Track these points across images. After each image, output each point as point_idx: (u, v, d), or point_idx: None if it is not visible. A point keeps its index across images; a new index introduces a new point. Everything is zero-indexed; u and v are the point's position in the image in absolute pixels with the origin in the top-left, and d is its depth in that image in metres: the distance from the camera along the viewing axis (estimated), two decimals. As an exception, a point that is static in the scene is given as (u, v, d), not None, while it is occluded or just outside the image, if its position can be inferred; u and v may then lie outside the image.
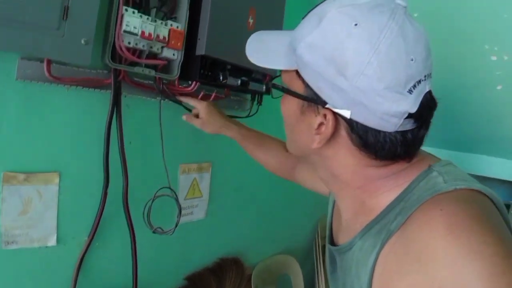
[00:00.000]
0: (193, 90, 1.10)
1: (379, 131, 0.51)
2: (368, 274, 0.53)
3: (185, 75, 1.06)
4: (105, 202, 1.00)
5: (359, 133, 0.52)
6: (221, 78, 1.11)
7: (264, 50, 0.63)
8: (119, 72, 0.96)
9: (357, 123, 0.52)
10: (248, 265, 1.50)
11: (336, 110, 0.52)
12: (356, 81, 0.48)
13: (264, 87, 1.27)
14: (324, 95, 0.53)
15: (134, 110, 1.05)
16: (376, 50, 0.47)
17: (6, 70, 0.82)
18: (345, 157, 0.56)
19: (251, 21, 1.14)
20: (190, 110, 1.15)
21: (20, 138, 0.87)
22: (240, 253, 1.50)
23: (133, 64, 0.96)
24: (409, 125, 0.51)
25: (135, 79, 1.02)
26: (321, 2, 0.55)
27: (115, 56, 0.93)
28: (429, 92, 0.51)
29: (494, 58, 1.35)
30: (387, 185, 0.56)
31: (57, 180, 0.94)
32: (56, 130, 0.92)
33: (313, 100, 0.54)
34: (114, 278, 1.08)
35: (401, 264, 0.48)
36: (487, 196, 0.51)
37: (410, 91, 0.49)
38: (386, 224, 0.53)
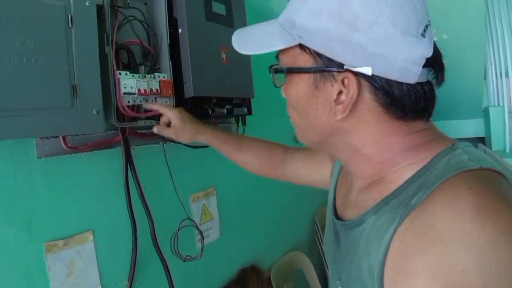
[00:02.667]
0: (188, 127, 1.22)
1: (402, 84, 0.50)
2: (382, 252, 0.49)
3: (178, 116, 1.18)
4: (137, 246, 1.10)
5: (384, 88, 0.50)
6: (210, 111, 1.24)
7: (254, 38, 0.60)
8: (124, 129, 1.07)
9: (379, 78, 0.49)
10: (266, 269, 1.64)
11: (356, 69, 0.49)
12: (372, 32, 0.47)
13: (246, 110, 1.41)
14: (339, 58, 0.50)
15: (142, 158, 1.16)
16: (380, 0, 0.47)
17: (26, 151, 0.91)
18: (370, 125, 0.54)
19: (224, 56, 1.27)
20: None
21: (53, 209, 0.96)
22: (256, 260, 1.64)
23: (135, 118, 1.07)
24: (425, 76, 0.51)
25: (139, 130, 1.13)
26: None
27: (119, 115, 1.04)
28: (434, 42, 0.51)
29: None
30: (409, 158, 0.53)
31: (91, 237, 1.04)
32: (82, 193, 1.02)
33: (328, 67, 0.51)
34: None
35: (420, 243, 0.45)
36: (507, 179, 0.49)
37: (423, 35, 0.48)
38: (404, 199, 0.50)
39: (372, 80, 0.50)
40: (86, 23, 0.92)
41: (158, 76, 1.10)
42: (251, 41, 0.60)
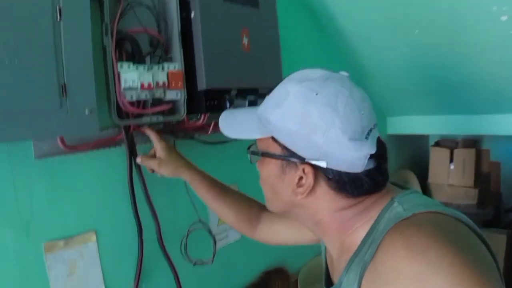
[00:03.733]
0: (203, 122, 1.11)
1: (350, 173, 0.61)
2: None
3: (192, 110, 1.08)
4: (142, 248, 1.05)
5: (335, 178, 0.62)
6: (228, 104, 1.12)
7: (236, 123, 0.75)
8: (129, 126, 1.00)
9: (332, 170, 0.61)
10: (293, 272, 1.53)
11: (314, 162, 0.61)
12: (326, 137, 0.59)
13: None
14: (301, 152, 0.62)
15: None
16: (336, 111, 0.59)
17: (24, 151, 0.87)
18: (324, 203, 0.65)
19: (245, 41, 1.13)
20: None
21: (52, 209, 0.92)
22: (282, 262, 1.53)
23: (141, 115, 0.99)
24: (372, 164, 0.62)
25: (143, 126, 1.05)
26: (280, 83, 0.67)
27: (121, 112, 0.96)
28: (379, 137, 0.64)
29: (504, 18, 1.27)
30: (358, 221, 0.64)
31: (94, 238, 1.00)
32: (84, 193, 0.97)
33: (292, 158, 0.63)
34: (166, 314, 1.14)
35: None
36: (446, 214, 0.58)
37: (367, 137, 0.61)
38: (362, 257, 0.60)
39: (325, 171, 0.62)
40: (77, 14, 0.83)
41: (168, 67, 1.00)
42: (234, 126, 0.74)
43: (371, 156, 0.61)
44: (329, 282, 0.77)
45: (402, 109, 2.08)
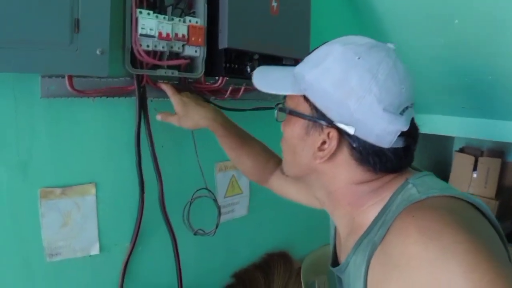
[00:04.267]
0: (221, 85, 1.05)
1: (376, 147, 0.59)
2: (362, 287, 0.57)
3: (210, 71, 1.02)
4: (143, 208, 1.00)
5: (359, 148, 0.59)
6: (248, 70, 1.06)
7: (270, 79, 0.71)
8: (141, 77, 0.94)
9: (358, 138, 0.59)
10: (297, 259, 1.46)
11: (341, 126, 0.59)
12: (360, 103, 0.57)
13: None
14: (330, 114, 0.60)
15: (163, 113, 1.03)
16: (375, 79, 0.57)
17: (30, 89, 0.83)
18: (343, 173, 0.63)
19: (274, 4, 1.06)
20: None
21: (52, 154, 0.88)
22: (287, 247, 1.46)
23: (155, 67, 0.93)
24: (401, 143, 0.60)
25: (160, 81, 0.99)
26: (325, 43, 0.65)
27: (136, 61, 0.91)
28: (413, 118, 0.61)
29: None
30: (372, 199, 0.62)
31: (93, 190, 0.95)
32: (87, 142, 0.93)
33: (320, 120, 0.61)
34: (160, 281, 1.09)
35: (385, 272, 0.53)
36: (462, 199, 0.55)
37: (401, 114, 0.58)
38: (372, 237, 0.59)
39: (351, 139, 0.60)
40: None
41: (189, 21, 0.94)
42: (268, 80, 0.71)
43: (402, 135, 0.58)
44: (335, 262, 0.76)
45: (428, 106, 1.96)
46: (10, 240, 0.84)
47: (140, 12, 0.87)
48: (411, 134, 0.60)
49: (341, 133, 0.60)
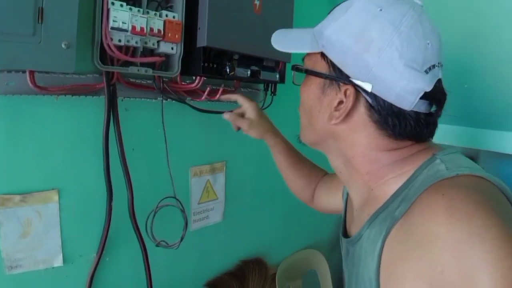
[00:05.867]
0: (198, 86, 0.99)
1: (395, 107, 0.54)
2: (376, 262, 0.54)
3: (187, 70, 0.96)
4: (110, 216, 0.92)
5: (377, 107, 0.55)
6: (228, 70, 1.00)
7: (288, 38, 0.67)
8: (112, 75, 0.87)
9: (376, 97, 0.54)
10: (272, 265, 1.42)
11: (358, 83, 0.55)
12: (379, 57, 0.52)
13: (278, 76, 1.15)
14: (348, 71, 0.56)
15: (135, 114, 0.96)
16: (398, 31, 0.52)
17: (-14, 86, 0.74)
18: (361, 137, 0.58)
19: (257, 3, 1.01)
20: (196, 109, 1.04)
21: (11, 157, 0.79)
22: (262, 253, 1.41)
23: (127, 64, 0.86)
24: (423, 107, 0.55)
25: (131, 79, 0.92)
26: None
27: (106, 57, 0.83)
28: (440, 80, 0.56)
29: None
30: (393, 172, 0.58)
31: (56, 198, 0.87)
32: (49, 144, 0.84)
33: (337, 76, 0.57)
34: (129, 293, 1.02)
35: (404, 250, 0.50)
36: (491, 182, 0.51)
37: (426, 72, 0.53)
38: (391, 212, 0.55)
39: (369, 96, 0.55)
40: None
41: (166, 15, 0.88)
42: (286, 39, 0.68)
43: (425, 98, 0.54)
44: (345, 233, 0.73)
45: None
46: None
47: (112, 3, 0.79)
48: (435, 98, 0.55)
49: (358, 90, 0.55)
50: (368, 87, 0.54)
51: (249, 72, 1.05)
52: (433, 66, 0.54)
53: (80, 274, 0.92)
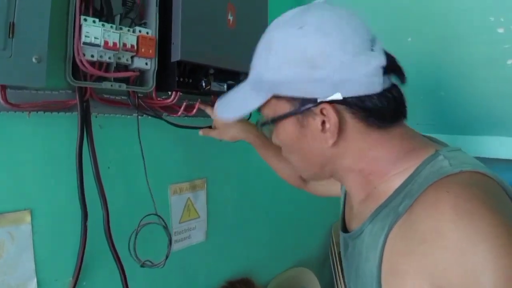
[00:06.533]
0: (174, 101, 0.99)
1: (371, 96, 0.54)
2: (378, 257, 0.54)
3: (163, 86, 0.96)
4: (86, 237, 0.89)
5: (358, 107, 0.55)
6: (203, 84, 1.00)
7: (234, 106, 0.66)
8: (85, 90, 0.86)
9: (351, 98, 0.54)
10: (261, 284, 1.37)
11: (329, 99, 0.54)
12: (329, 65, 0.53)
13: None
14: (311, 94, 0.55)
15: (109, 131, 0.94)
16: (326, 35, 0.53)
17: (-46, 102, 0.72)
18: (356, 142, 0.58)
19: (231, 18, 1.03)
20: (173, 124, 1.03)
21: (-20, 177, 0.77)
22: (250, 272, 1.37)
23: (101, 79, 0.86)
24: (388, 82, 0.55)
25: (105, 96, 0.91)
26: (259, 41, 0.62)
27: (79, 72, 0.83)
28: (386, 51, 0.56)
29: (501, 30, 1.22)
30: (396, 168, 0.58)
31: (28, 218, 0.84)
32: (21, 162, 0.82)
33: (305, 106, 0.56)
34: (108, 319, 0.97)
35: (407, 246, 0.50)
36: (493, 179, 0.52)
37: (372, 49, 0.54)
38: (394, 207, 0.55)
39: (345, 102, 0.55)
40: None
41: (140, 31, 0.88)
42: (233, 106, 0.66)
43: (386, 72, 0.54)
44: (344, 228, 0.73)
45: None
46: None
47: (85, 20, 0.80)
48: (391, 68, 0.56)
49: (333, 104, 0.55)
50: (338, 96, 0.54)
51: (225, 86, 1.06)
52: (373, 40, 0.55)
53: None
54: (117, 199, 0.95)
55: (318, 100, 0.55)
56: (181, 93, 0.99)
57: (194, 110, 1.05)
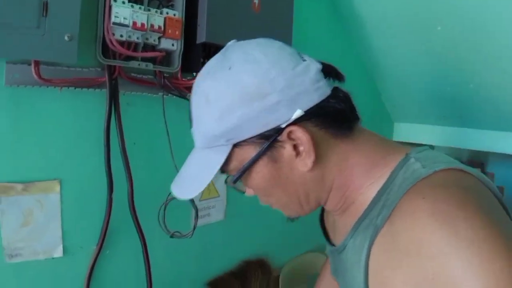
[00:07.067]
0: (198, 82, 1.01)
1: (326, 100, 0.54)
2: (363, 273, 0.53)
3: (188, 66, 0.99)
4: (111, 209, 0.93)
5: (320, 114, 0.54)
6: (227, 67, 1.02)
7: (193, 175, 0.60)
8: (113, 69, 0.90)
9: (310, 110, 0.53)
10: (276, 267, 1.40)
11: (292, 119, 0.53)
12: (275, 88, 0.52)
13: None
14: (272, 124, 0.53)
15: (136, 108, 0.98)
16: (256, 62, 0.53)
17: (-6, 76, 0.77)
18: (329, 157, 0.56)
19: (256, 2, 1.04)
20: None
21: (15, 146, 0.82)
22: (266, 254, 1.40)
23: (129, 58, 0.89)
24: (330, 85, 0.56)
25: (133, 74, 0.95)
26: (190, 102, 0.60)
27: (108, 51, 0.86)
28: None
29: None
30: (370, 178, 0.56)
31: (58, 188, 0.89)
32: (52, 135, 0.87)
33: (269, 139, 0.54)
34: (128, 287, 1.02)
35: (391, 259, 0.48)
36: (471, 174, 0.51)
37: (303, 59, 0.56)
38: (372, 219, 0.53)
39: (307, 116, 0.54)
40: None
41: (167, 13, 0.91)
42: (192, 178, 0.60)
43: (325, 75, 0.56)
44: (329, 239, 0.73)
45: (409, 116, 1.97)
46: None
47: (115, 1, 0.83)
48: (328, 69, 0.57)
49: (296, 124, 0.53)
50: (299, 112, 0.52)
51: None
52: (298, 53, 0.57)
53: (80, 266, 0.93)
54: (142, 174, 0.99)
55: (282, 126, 0.53)
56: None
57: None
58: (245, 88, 0.53)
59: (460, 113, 1.71)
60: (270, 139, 0.54)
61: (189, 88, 1.04)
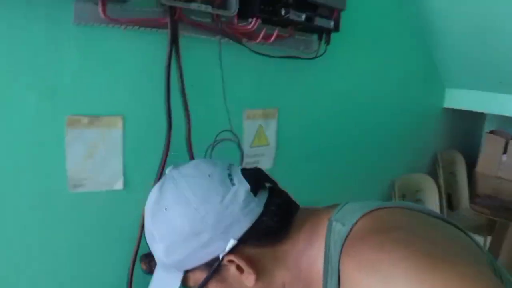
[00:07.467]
0: (254, 28, 1.02)
1: (258, 222, 0.59)
2: None
3: (244, 13, 0.99)
4: (169, 146, 0.98)
5: (255, 236, 0.59)
6: (282, 12, 1.02)
7: None
8: (175, 11, 0.92)
9: (244, 235, 0.58)
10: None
11: (227, 249, 0.58)
12: (206, 224, 0.57)
13: (332, 24, 1.15)
14: (212, 255, 0.59)
15: (194, 52, 1.01)
16: (187, 203, 0.59)
17: (62, 14, 0.81)
18: (274, 264, 0.61)
19: None
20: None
21: (81, 82, 0.86)
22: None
23: (189, 0, 0.91)
24: (264, 198, 0.61)
25: (192, 17, 0.97)
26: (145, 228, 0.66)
27: (169, -7, 0.88)
28: (243, 171, 0.63)
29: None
30: (311, 255, 0.60)
31: (120, 124, 0.94)
32: (116, 72, 0.91)
33: (213, 265, 0.60)
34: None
35: None
36: (392, 207, 0.56)
37: (232, 183, 0.60)
38: None
39: (241, 241, 0.58)
40: None
41: (227, -44, 0.91)
42: None
43: (253, 192, 0.60)
44: None
45: (461, 81, 1.89)
46: (34, 166, 0.82)
47: None
48: (256, 184, 0.61)
49: (234, 251, 0.59)
50: (232, 242, 0.58)
51: (303, 17, 1.07)
52: (228, 170, 0.62)
53: (138, 200, 0.97)
54: (198, 115, 1.02)
55: (220, 257, 0.59)
56: (260, 21, 1.02)
57: (272, 39, 1.08)
58: (181, 229, 0.59)
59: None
60: (213, 266, 0.60)
61: (244, 34, 1.06)
